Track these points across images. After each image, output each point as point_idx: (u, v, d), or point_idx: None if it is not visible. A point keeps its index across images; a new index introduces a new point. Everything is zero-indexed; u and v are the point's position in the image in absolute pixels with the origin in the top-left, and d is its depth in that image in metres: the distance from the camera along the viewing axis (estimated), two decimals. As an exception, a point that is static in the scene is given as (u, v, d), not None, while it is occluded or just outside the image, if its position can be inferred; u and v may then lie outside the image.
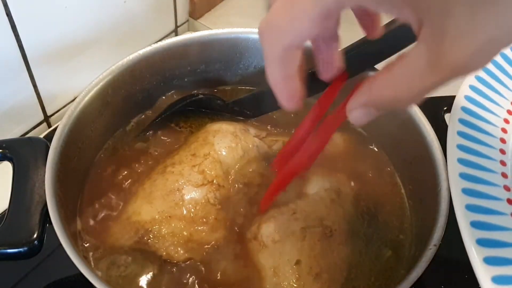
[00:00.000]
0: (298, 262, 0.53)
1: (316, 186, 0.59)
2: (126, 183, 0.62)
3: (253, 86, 0.73)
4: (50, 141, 0.56)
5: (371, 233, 0.59)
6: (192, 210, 0.56)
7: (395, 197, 0.63)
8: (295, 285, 0.52)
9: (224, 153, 0.61)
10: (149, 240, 0.55)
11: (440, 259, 0.49)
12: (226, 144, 0.61)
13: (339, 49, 0.45)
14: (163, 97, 0.70)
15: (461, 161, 0.47)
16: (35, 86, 0.74)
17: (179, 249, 0.55)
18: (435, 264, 0.49)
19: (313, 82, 0.63)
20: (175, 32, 0.96)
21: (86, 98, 0.60)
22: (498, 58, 0.53)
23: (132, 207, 0.58)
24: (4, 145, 0.56)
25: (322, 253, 0.55)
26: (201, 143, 0.62)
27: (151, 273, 0.53)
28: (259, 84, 0.71)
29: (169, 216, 0.56)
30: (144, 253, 0.55)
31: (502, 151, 0.48)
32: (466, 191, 0.45)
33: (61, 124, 0.57)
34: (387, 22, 0.57)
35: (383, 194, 0.63)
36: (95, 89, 0.61)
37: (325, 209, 0.58)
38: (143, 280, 0.53)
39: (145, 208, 0.57)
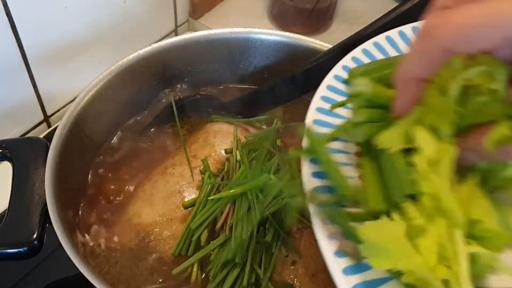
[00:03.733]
0: (294, 263, 0.53)
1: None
2: (126, 184, 0.62)
3: (253, 86, 0.73)
4: (50, 141, 0.56)
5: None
6: (194, 212, 0.56)
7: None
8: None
9: (225, 154, 0.61)
10: (150, 243, 0.55)
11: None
12: (227, 145, 0.61)
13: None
14: (163, 97, 0.70)
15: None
16: (35, 86, 0.74)
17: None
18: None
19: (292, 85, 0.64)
20: (175, 32, 0.96)
21: (86, 98, 0.60)
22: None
23: (132, 208, 0.58)
24: (4, 145, 0.56)
25: (320, 253, 0.54)
26: (202, 144, 0.62)
27: (151, 275, 0.53)
28: (258, 84, 0.71)
29: (170, 219, 0.56)
30: (145, 255, 0.55)
31: None
32: None
33: (61, 124, 0.57)
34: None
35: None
36: (95, 89, 0.61)
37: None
38: (144, 281, 0.53)
39: (146, 211, 0.57)
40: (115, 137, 0.67)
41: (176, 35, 0.96)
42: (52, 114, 0.80)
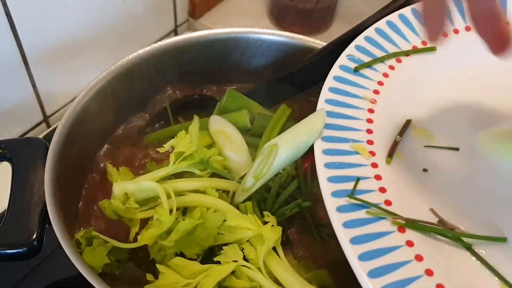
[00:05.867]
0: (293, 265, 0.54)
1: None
2: (125, 184, 0.61)
3: (253, 86, 0.72)
4: (49, 141, 0.56)
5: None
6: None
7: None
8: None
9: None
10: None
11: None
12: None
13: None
14: (162, 97, 0.70)
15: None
16: (34, 86, 0.74)
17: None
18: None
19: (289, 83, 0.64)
20: (175, 32, 0.96)
21: (86, 98, 0.60)
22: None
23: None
24: (3, 146, 0.56)
25: (318, 254, 0.55)
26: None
27: (152, 276, 0.53)
28: (258, 84, 0.71)
29: None
30: (146, 256, 0.54)
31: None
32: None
33: (60, 124, 0.57)
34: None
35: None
36: (95, 89, 0.61)
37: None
38: (145, 282, 0.53)
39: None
40: (114, 137, 0.67)
41: (176, 35, 0.96)
42: (52, 114, 0.80)
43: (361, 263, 0.38)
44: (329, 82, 0.50)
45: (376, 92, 0.51)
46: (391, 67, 0.53)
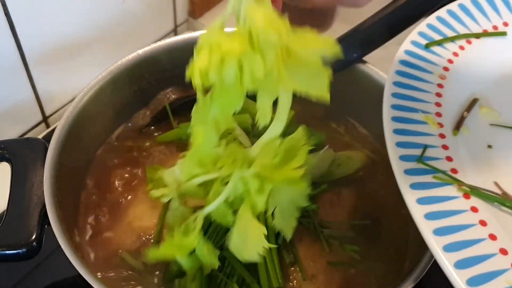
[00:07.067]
0: (293, 264, 0.53)
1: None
2: (125, 185, 0.61)
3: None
4: (49, 141, 0.55)
5: (373, 234, 0.59)
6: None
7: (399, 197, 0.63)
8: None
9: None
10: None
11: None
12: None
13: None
14: (162, 98, 0.70)
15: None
16: (33, 86, 0.73)
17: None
18: (437, 264, 0.48)
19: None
20: (175, 31, 0.96)
21: (85, 98, 0.60)
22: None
23: (133, 211, 0.58)
24: (2, 146, 0.56)
25: (319, 256, 0.55)
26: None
27: (153, 278, 0.53)
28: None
29: None
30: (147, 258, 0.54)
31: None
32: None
33: (60, 125, 0.57)
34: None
35: (387, 196, 0.62)
36: (94, 89, 0.60)
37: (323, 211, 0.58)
38: (144, 284, 0.53)
39: (147, 213, 0.56)
40: (114, 138, 0.67)
41: (176, 34, 0.96)
42: (51, 115, 0.80)
43: (427, 221, 0.39)
44: (400, 55, 0.51)
45: (445, 69, 0.52)
46: (461, 47, 0.54)
